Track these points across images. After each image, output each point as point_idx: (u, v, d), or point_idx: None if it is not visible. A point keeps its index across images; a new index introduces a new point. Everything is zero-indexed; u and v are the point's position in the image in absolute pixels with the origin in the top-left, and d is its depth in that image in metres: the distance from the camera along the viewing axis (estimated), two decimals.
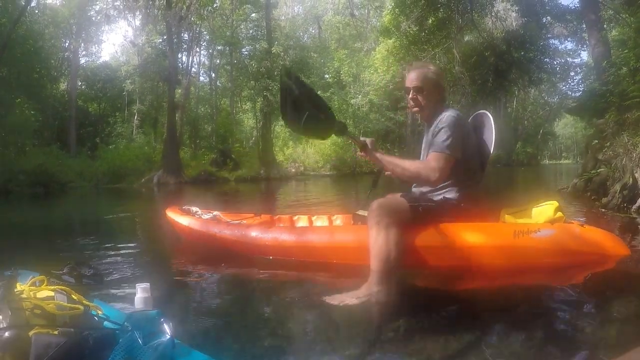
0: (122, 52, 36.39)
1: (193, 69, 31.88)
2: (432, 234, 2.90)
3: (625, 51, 7.28)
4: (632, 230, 4.88)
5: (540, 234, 2.89)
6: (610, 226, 4.60)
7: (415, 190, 3.16)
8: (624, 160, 6.62)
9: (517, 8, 19.37)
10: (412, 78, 3.06)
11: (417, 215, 2.87)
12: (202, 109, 31.96)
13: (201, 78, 34.54)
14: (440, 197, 3.00)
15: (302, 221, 4.26)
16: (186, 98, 28.42)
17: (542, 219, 3.01)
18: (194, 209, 4.45)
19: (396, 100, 30.70)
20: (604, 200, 6.77)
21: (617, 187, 6.53)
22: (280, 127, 31.46)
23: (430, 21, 19.27)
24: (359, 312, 2.31)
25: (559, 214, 3.03)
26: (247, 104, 32.99)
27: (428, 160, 2.82)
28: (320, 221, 4.20)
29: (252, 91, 29.53)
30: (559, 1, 21.85)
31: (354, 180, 23.24)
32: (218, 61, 32.88)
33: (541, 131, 56.64)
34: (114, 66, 34.06)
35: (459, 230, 2.93)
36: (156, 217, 6.60)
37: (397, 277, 2.69)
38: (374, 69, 31.55)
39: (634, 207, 5.91)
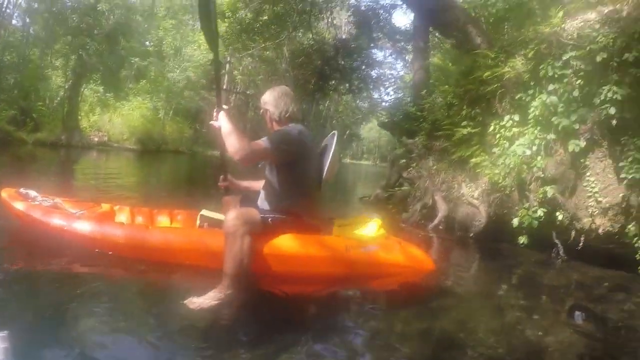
0: None
1: (7, 10, 27.46)
2: (278, 244, 3.23)
3: (447, 86, 8.20)
4: (429, 246, 5.79)
5: (367, 248, 3.45)
6: (412, 241, 5.34)
7: (262, 202, 3.47)
8: (427, 182, 7.51)
9: (353, 19, 20.54)
10: (261, 100, 3.48)
11: (266, 226, 3.17)
12: (9, 57, 27.73)
13: (14, 21, 29.91)
14: (286, 210, 3.30)
15: (142, 215, 4.17)
16: None
17: (368, 234, 3.60)
18: (32, 192, 4.06)
19: (212, 81, 30.42)
20: (404, 215, 7.64)
21: (418, 206, 7.43)
22: (89, 91, 28.99)
23: (267, 13, 19.49)
24: (212, 314, 2.62)
25: (382, 230, 3.65)
26: (60, 60, 29.56)
27: (252, 143, 3.03)
28: (162, 216, 4.16)
29: (68, 47, 26.69)
30: (393, 20, 23.68)
31: (159, 159, 22.66)
32: (36, 5, 28.77)
33: (347, 132, 60.78)
34: None
35: (301, 241, 3.29)
36: None
37: (247, 281, 3.01)
38: (198, 46, 30.84)
39: (431, 225, 6.79)
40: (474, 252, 5.90)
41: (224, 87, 32.26)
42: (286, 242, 3.24)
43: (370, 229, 3.64)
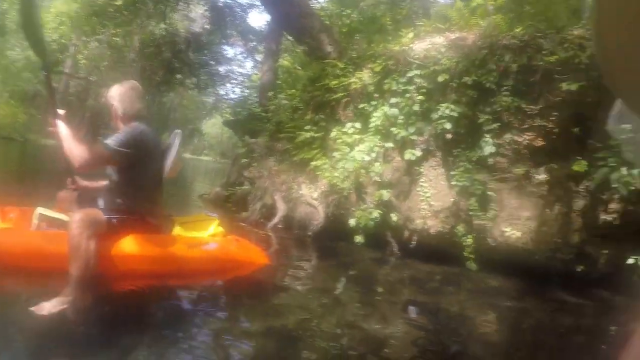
0: None
1: None
2: (122, 244, 3.18)
3: (294, 90, 8.36)
4: (269, 245, 5.87)
5: (208, 246, 3.58)
6: (251, 240, 5.42)
7: (105, 202, 3.35)
8: (267, 182, 7.56)
9: (209, 14, 20.10)
10: (108, 93, 3.42)
11: (110, 227, 3.11)
12: None
13: None
14: (129, 210, 3.27)
15: None
16: None
17: (207, 233, 3.73)
18: None
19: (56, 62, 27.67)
20: (244, 214, 7.62)
21: (258, 205, 7.46)
22: None
23: None
24: (63, 318, 2.53)
25: (220, 228, 3.82)
26: None
27: (90, 150, 2.97)
28: None
29: None
30: (247, 20, 23.57)
31: None
32: None
33: (190, 127, 59.02)
34: None
35: (144, 241, 3.27)
36: None
37: (93, 283, 2.88)
38: (44, 23, 27.73)
39: (270, 224, 6.87)
40: (313, 250, 6.07)
41: (66, 70, 29.44)
42: (129, 243, 3.20)
43: (209, 227, 3.77)
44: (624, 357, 0.59)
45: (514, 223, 5.49)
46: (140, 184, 3.28)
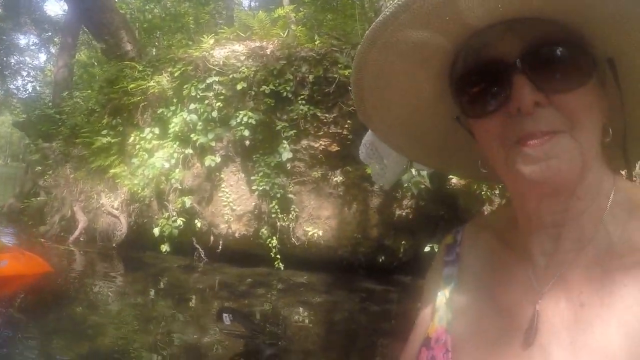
0: None
1: None
2: None
3: (90, 91, 7.80)
4: (71, 260, 5.48)
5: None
6: (48, 255, 5.09)
7: None
8: (65, 192, 7.02)
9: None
10: None
11: None
12: None
13: None
14: None
15: None
16: None
17: None
18: None
19: None
20: (42, 228, 6.96)
21: (57, 217, 6.88)
22: None
23: None
24: None
25: (1, 244, 4.04)
26: None
27: None
28: None
29: None
30: (44, 7, 21.24)
31: None
32: None
33: None
34: None
35: None
36: None
37: None
38: None
39: (71, 238, 6.39)
40: (119, 262, 5.84)
41: None
42: None
43: None
44: (411, 335, 0.71)
45: (315, 222, 5.82)
46: None
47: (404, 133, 0.69)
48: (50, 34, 19.34)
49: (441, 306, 0.68)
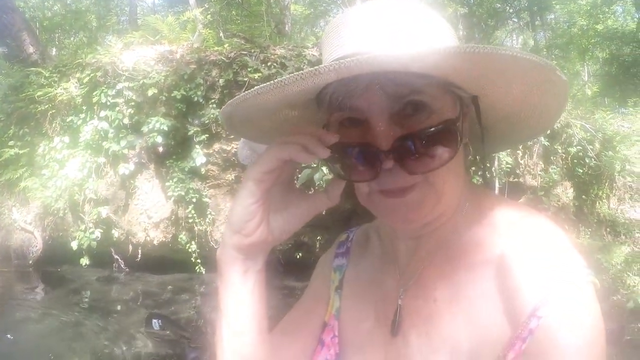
0: None
1: None
2: None
3: None
4: None
5: None
6: None
7: None
8: None
9: None
10: None
11: None
12: None
13: None
14: None
15: None
16: None
17: None
18: None
19: None
20: None
21: None
22: None
23: None
24: None
25: None
26: None
27: None
28: None
29: None
30: None
31: None
32: None
33: None
34: None
35: None
36: None
37: None
38: None
39: None
40: (37, 280, 5.71)
41: None
42: None
43: None
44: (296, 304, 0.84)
45: None
46: None
47: (276, 135, 0.69)
48: None
49: (332, 293, 0.81)
